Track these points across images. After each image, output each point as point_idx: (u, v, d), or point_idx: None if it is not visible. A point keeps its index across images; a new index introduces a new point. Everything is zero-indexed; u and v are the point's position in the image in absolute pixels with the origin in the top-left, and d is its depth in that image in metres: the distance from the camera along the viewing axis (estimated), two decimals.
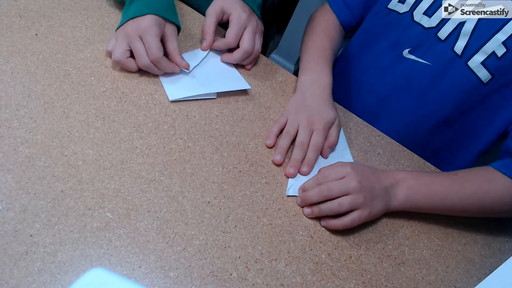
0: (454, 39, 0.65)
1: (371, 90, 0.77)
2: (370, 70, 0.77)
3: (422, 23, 0.68)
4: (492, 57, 0.62)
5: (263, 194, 0.54)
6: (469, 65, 0.64)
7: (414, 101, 0.72)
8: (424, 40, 0.68)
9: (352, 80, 0.81)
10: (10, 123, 0.50)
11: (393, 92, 0.74)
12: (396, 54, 0.72)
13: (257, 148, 0.59)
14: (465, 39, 0.64)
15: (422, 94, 0.71)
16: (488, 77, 0.64)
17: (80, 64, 0.60)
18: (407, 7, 0.70)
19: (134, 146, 0.53)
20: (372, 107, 0.76)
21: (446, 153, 0.75)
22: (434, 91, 0.69)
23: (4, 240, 0.41)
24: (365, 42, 0.78)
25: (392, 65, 0.73)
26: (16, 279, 0.39)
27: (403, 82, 0.72)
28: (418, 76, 0.70)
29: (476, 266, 0.57)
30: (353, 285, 0.49)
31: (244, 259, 0.47)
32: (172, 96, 0.60)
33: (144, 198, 0.49)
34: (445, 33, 0.66)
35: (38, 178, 0.46)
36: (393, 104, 0.74)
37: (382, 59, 0.74)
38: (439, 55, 0.67)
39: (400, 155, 0.67)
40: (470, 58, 0.64)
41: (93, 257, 0.43)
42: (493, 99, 0.66)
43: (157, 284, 0.43)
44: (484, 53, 0.62)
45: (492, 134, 0.70)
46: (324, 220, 0.54)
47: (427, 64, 0.68)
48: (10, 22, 0.61)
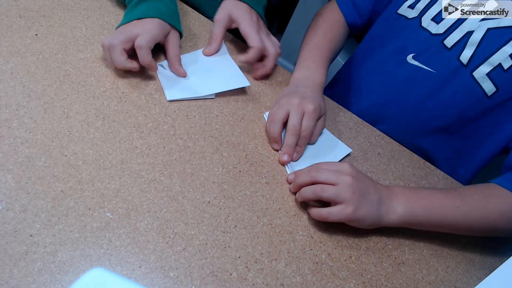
0: (460, 48, 0.64)
1: (371, 94, 0.76)
2: (372, 74, 0.76)
3: (429, 29, 0.67)
4: (498, 69, 0.61)
5: (263, 194, 0.54)
6: (474, 76, 0.63)
7: (414, 107, 0.71)
8: (430, 47, 0.67)
9: (354, 84, 0.80)
10: (10, 123, 0.50)
11: (393, 97, 0.73)
12: (400, 58, 0.71)
13: (257, 148, 0.59)
14: (472, 49, 0.63)
15: (423, 102, 0.70)
16: (492, 90, 0.63)
17: (80, 64, 0.60)
18: (416, 12, 0.69)
19: (134, 146, 0.53)
20: (371, 111, 0.76)
21: (445, 164, 0.74)
22: (436, 99, 0.68)
23: (4, 240, 0.41)
24: (372, 48, 0.78)
25: (395, 70, 0.72)
26: (16, 279, 0.39)
27: (405, 88, 0.71)
28: (420, 83, 0.69)
29: (476, 266, 0.57)
30: (353, 285, 0.49)
31: (244, 259, 0.47)
32: (170, 96, 0.60)
33: (144, 198, 0.49)
34: (452, 41, 0.65)
35: (38, 178, 0.47)
36: (392, 109, 0.74)
37: (386, 63, 0.74)
38: (444, 63, 0.66)
39: (400, 155, 0.67)
40: (476, 69, 0.63)
41: (93, 257, 0.43)
42: (497, 113, 0.65)
43: (157, 284, 0.43)
44: (490, 65, 0.62)
45: (493, 148, 0.68)
46: (309, 208, 0.53)
47: (431, 71, 0.67)
48: (10, 22, 0.61)
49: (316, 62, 0.68)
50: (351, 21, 0.77)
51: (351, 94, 0.80)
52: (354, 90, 0.80)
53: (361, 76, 0.79)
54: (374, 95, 0.76)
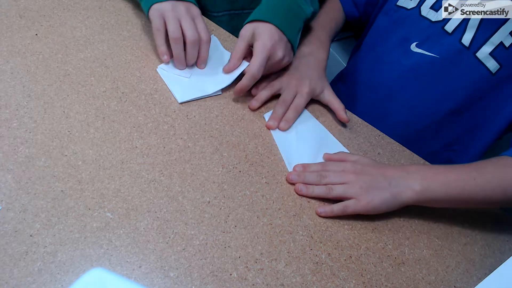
0: (461, 32, 0.65)
1: (378, 86, 0.78)
2: (377, 66, 0.78)
3: (429, 17, 0.69)
4: (500, 47, 0.63)
5: (263, 194, 0.54)
6: (477, 56, 0.65)
7: (422, 93, 0.73)
8: (432, 34, 0.69)
9: (360, 78, 0.82)
10: (10, 123, 0.50)
11: (401, 86, 0.75)
12: (404, 49, 0.73)
13: (257, 148, 0.59)
14: (473, 31, 0.64)
15: (431, 86, 0.71)
16: (496, 67, 0.64)
17: (80, 64, 0.60)
18: (414, 2, 0.71)
19: (134, 146, 0.53)
20: (380, 102, 0.78)
21: (458, 145, 0.76)
22: (442, 83, 0.70)
23: (4, 240, 0.41)
24: (375, 41, 0.80)
25: (400, 60, 0.74)
26: (16, 279, 0.39)
27: (411, 76, 0.73)
28: (426, 69, 0.71)
29: (476, 266, 0.57)
30: (353, 285, 0.49)
31: (244, 259, 0.47)
32: (181, 98, 0.60)
33: (144, 198, 0.49)
34: (452, 26, 0.66)
35: (38, 178, 0.47)
36: (401, 98, 0.75)
37: (390, 55, 0.76)
38: (446, 48, 0.67)
39: (400, 155, 0.67)
40: (478, 50, 0.64)
41: (93, 257, 0.43)
42: (502, 89, 0.67)
43: (157, 284, 0.43)
44: (492, 44, 0.63)
45: (502, 123, 0.70)
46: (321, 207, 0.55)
47: (435, 56, 0.69)
48: (10, 22, 0.61)
49: (320, 39, 0.72)
50: (348, 11, 0.82)
51: (357, 90, 0.82)
52: (362, 84, 0.82)
53: (366, 70, 0.81)
54: (382, 87, 0.77)
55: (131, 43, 0.65)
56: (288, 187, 0.56)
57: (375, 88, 0.79)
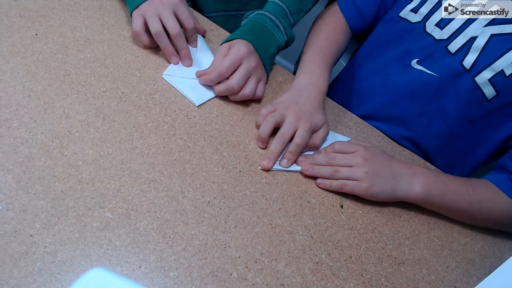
0: (464, 53, 0.64)
1: (372, 96, 0.76)
2: (375, 76, 0.76)
3: (433, 35, 0.67)
4: (500, 75, 0.61)
5: (263, 194, 0.54)
6: (475, 80, 0.64)
7: (415, 111, 0.71)
8: (434, 52, 0.67)
9: (356, 85, 0.80)
10: (10, 123, 0.50)
11: (395, 100, 0.73)
12: (404, 63, 0.71)
13: (257, 148, 0.59)
14: (475, 54, 0.63)
15: (425, 105, 0.70)
16: (493, 94, 0.63)
17: (80, 64, 0.60)
18: (419, 17, 0.69)
19: (134, 146, 0.53)
20: (372, 112, 0.76)
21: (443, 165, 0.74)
22: (438, 103, 0.69)
23: (4, 240, 0.41)
24: (374, 49, 0.78)
25: (399, 74, 0.72)
26: (16, 279, 0.39)
27: (407, 91, 0.71)
28: (422, 86, 0.69)
29: (476, 266, 0.57)
30: (353, 285, 0.49)
31: (244, 259, 0.47)
32: (198, 101, 0.61)
33: (144, 198, 0.49)
34: (455, 46, 0.65)
35: (38, 178, 0.47)
36: (393, 112, 0.74)
37: (389, 66, 0.74)
38: (447, 68, 0.66)
39: (400, 155, 0.67)
40: (478, 74, 0.63)
41: (93, 257, 0.43)
42: (495, 116, 0.66)
43: (157, 284, 0.43)
44: (493, 70, 0.62)
45: (489, 150, 0.70)
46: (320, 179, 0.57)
47: (434, 75, 0.68)
48: (10, 22, 0.61)
49: (320, 67, 0.68)
50: (353, 25, 0.77)
51: (352, 96, 0.80)
52: (356, 92, 0.80)
53: (363, 77, 0.79)
54: (376, 97, 0.76)
55: (131, 43, 0.65)
56: (288, 187, 0.56)
57: (370, 97, 0.77)
